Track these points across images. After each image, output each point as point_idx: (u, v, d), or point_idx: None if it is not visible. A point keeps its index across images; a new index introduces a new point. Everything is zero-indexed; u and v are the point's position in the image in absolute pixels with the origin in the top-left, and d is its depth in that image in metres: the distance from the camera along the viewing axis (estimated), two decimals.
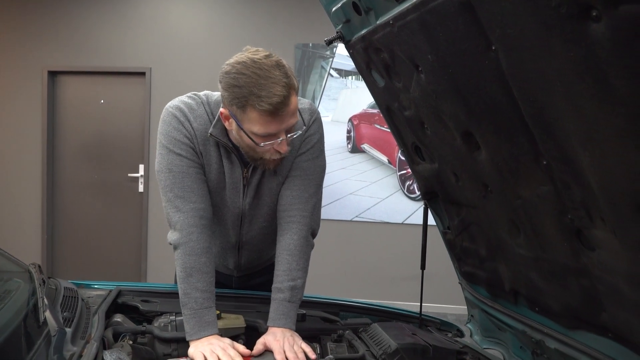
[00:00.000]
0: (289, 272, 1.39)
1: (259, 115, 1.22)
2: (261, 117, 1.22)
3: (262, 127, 1.24)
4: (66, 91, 5.11)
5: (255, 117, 1.23)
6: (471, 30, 0.94)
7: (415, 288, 4.60)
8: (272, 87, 1.19)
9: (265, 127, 1.24)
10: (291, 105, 1.24)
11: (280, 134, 1.27)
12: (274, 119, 1.23)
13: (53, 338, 1.01)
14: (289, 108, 1.23)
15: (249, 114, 1.23)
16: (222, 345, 1.23)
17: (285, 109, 1.22)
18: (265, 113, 1.21)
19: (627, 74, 0.67)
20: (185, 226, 1.34)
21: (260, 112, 1.21)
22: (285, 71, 1.23)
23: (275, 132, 1.26)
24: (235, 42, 4.83)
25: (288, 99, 1.22)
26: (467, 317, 1.73)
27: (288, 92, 1.22)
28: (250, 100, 1.21)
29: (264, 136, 1.26)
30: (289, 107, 1.23)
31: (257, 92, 1.20)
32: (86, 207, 5.15)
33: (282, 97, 1.20)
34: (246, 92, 1.21)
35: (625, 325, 1.01)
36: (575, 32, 0.71)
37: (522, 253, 1.25)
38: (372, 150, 4.76)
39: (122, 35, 4.95)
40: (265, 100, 1.19)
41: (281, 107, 1.21)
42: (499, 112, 1.02)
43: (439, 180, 1.48)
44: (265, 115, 1.22)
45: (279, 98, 1.20)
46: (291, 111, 1.25)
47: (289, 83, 1.22)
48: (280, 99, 1.20)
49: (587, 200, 0.92)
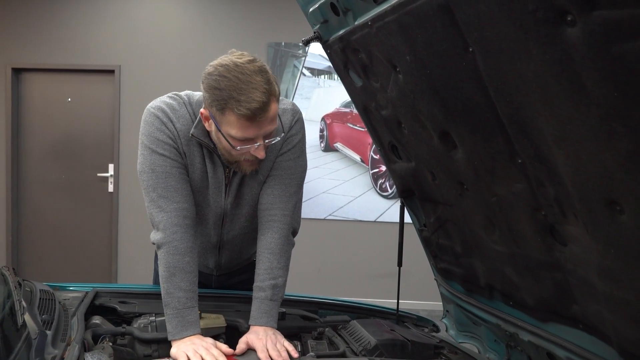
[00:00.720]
0: (270, 270, 1.40)
1: (237, 120, 1.23)
2: (239, 122, 1.23)
3: (240, 131, 1.25)
4: (31, 89, 4.98)
5: (234, 121, 1.23)
6: (449, 32, 0.97)
7: (388, 285, 4.66)
8: (252, 92, 1.20)
9: (242, 131, 1.25)
10: (270, 111, 1.24)
11: (258, 139, 1.28)
12: (252, 124, 1.23)
13: (34, 341, 0.99)
14: (267, 114, 1.24)
15: (228, 117, 1.24)
16: (205, 345, 1.23)
17: (263, 115, 1.23)
18: (243, 118, 1.22)
19: (600, 76, 0.70)
20: (168, 225, 1.34)
21: (238, 116, 1.22)
22: (268, 77, 1.24)
23: (252, 137, 1.27)
24: (207, 40, 4.80)
25: (267, 106, 1.23)
26: (443, 313, 1.77)
27: (268, 99, 1.22)
28: (229, 103, 1.21)
29: (241, 140, 1.27)
30: (268, 113, 1.24)
31: (236, 96, 1.20)
32: (54, 207, 5.03)
33: (261, 103, 1.21)
34: (226, 96, 1.21)
35: (595, 317, 1.05)
36: (551, 35, 0.74)
37: (497, 249, 1.28)
38: (345, 149, 4.79)
39: (90, 31, 4.85)
40: (244, 105, 1.20)
41: (259, 113, 1.22)
42: (475, 112, 1.05)
43: (416, 178, 1.51)
44: (243, 120, 1.22)
45: (257, 104, 1.20)
46: (270, 117, 1.26)
47: (270, 90, 1.23)
48: (259, 104, 1.20)
49: (561, 197, 0.96)
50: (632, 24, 0.62)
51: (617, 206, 0.81)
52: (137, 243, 4.93)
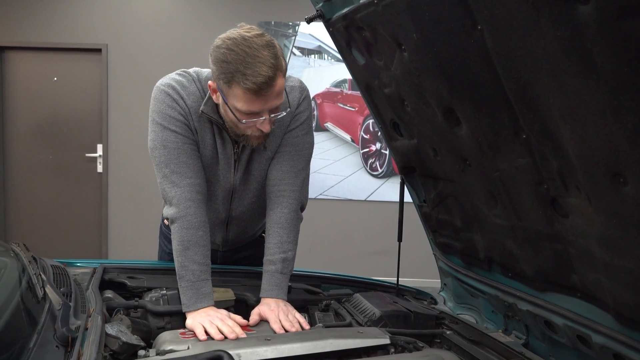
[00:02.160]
0: (280, 244, 1.43)
1: (243, 93, 1.24)
2: (245, 95, 1.25)
3: (245, 105, 1.27)
4: (16, 68, 4.89)
5: (240, 94, 1.25)
6: (458, 10, 0.99)
7: (380, 263, 4.73)
8: (258, 66, 1.21)
9: (248, 104, 1.27)
10: (276, 86, 1.26)
11: (264, 113, 1.30)
12: (258, 98, 1.25)
13: (58, 312, 1.02)
14: (273, 89, 1.26)
15: (234, 90, 1.25)
16: (220, 316, 1.26)
17: (269, 89, 1.24)
18: (249, 91, 1.23)
19: (610, 52, 0.74)
20: (182, 200, 1.36)
21: (244, 89, 1.23)
22: (275, 52, 1.25)
23: (258, 111, 1.29)
24: (196, 19, 4.75)
25: (273, 80, 1.24)
26: (440, 286, 1.82)
27: (274, 74, 1.24)
28: (235, 77, 1.23)
29: (247, 113, 1.29)
30: (274, 88, 1.25)
31: (243, 70, 1.22)
32: (42, 189, 4.99)
33: (267, 77, 1.22)
34: (233, 69, 1.23)
35: (594, 285, 1.10)
36: (563, 13, 0.77)
37: (498, 222, 1.33)
38: (336, 128, 4.81)
39: (76, 8, 4.76)
40: (250, 79, 1.21)
41: (265, 88, 1.23)
42: (481, 88, 1.08)
43: (417, 155, 1.54)
44: (249, 93, 1.24)
45: (263, 78, 1.22)
46: (276, 92, 1.27)
47: (276, 64, 1.24)
48: (265, 79, 1.22)
49: (564, 171, 1.00)
50: None
51: (620, 178, 0.85)
52: (127, 224, 4.93)
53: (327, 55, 4.75)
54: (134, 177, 4.83)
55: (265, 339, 1.17)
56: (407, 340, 1.28)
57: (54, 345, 0.91)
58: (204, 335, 1.21)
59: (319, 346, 1.16)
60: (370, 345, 1.22)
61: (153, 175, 1.42)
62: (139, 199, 4.84)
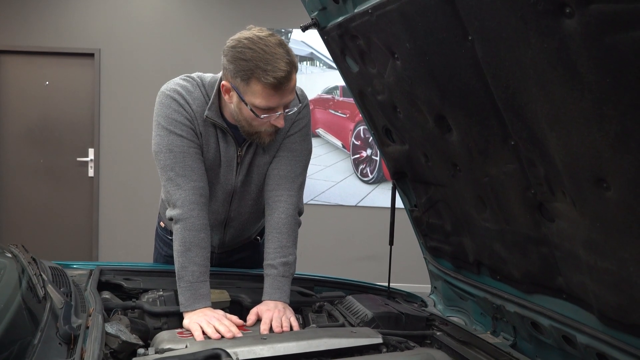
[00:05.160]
0: (280, 249, 1.47)
1: (262, 88, 1.30)
2: (264, 90, 1.30)
3: (264, 100, 1.32)
4: (8, 72, 4.88)
5: (259, 90, 1.31)
6: (450, 21, 1.03)
7: (370, 268, 4.76)
8: (277, 62, 1.28)
9: (267, 100, 1.32)
10: (292, 81, 1.33)
11: (279, 108, 1.36)
12: (276, 92, 1.31)
13: (60, 310, 1.04)
14: (290, 84, 1.32)
15: (253, 86, 1.31)
16: (217, 316, 1.28)
17: (287, 84, 1.31)
18: (269, 86, 1.29)
19: (594, 63, 0.78)
20: (186, 203, 1.39)
21: (264, 84, 1.29)
22: (288, 50, 1.33)
23: (275, 106, 1.34)
24: (188, 25, 4.77)
25: (290, 75, 1.31)
26: (430, 289, 1.85)
27: (290, 69, 1.31)
28: (255, 73, 1.29)
29: (265, 109, 1.34)
30: (291, 82, 1.32)
31: (263, 66, 1.28)
32: (32, 193, 4.96)
33: (286, 72, 1.29)
34: (252, 66, 1.28)
35: (579, 287, 1.14)
36: (550, 26, 0.82)
37: (487, 226, 1.37)
38: (327, 134, 4.85)
39: (70, 13, 4.77)
40: (270, 74, 1.28)
41: (284, 82, 1.30)
42: (471, 97, 1.12)
43: (409, 160, 1.58)
44: (269, 88, 1.30)
45: (283, 73, 1.28)
46: (291, 87, 1.34)
47: (292, 61, 1.32)
48: (284, 74, 1.29)
49: (550, 176, 1.04)
50: (626, 17, 0.70)
51: (604, 183, 0.89)
52: (118, 228, 4.92)
53: (319, 62, 4.79)
54: (125, 182, 4.82)
55: (262, 338, 1.20)
56: (399, 340, 1.32)
57: (57, 342, 0.94)
58: (201, 334, 1.23)
59: (313, 345, 1.19)
60: (364, 345, 1.26)
61: (144, 180, 1.46)
62: (130, 204, 4.84)
